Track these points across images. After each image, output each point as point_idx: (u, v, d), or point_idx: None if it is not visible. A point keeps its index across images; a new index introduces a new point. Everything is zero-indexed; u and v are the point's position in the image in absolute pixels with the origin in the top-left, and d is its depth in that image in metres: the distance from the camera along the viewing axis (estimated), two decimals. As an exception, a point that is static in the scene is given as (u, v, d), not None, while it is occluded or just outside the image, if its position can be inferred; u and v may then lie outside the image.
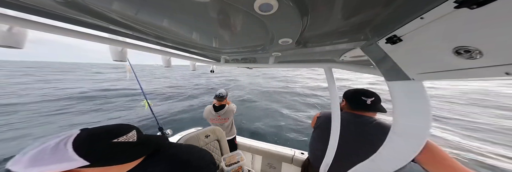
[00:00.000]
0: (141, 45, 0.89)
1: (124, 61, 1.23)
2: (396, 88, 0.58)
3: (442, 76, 0.42)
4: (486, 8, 0.25)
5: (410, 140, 0.58)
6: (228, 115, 2.43)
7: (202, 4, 0.38)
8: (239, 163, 1.58)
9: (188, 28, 0.61)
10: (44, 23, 0.57)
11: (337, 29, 0.54)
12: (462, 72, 0.36)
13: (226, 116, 2.40)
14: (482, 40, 0.29)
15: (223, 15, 0.45)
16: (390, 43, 0.47)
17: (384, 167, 0.66)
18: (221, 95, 2.35)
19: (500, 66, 0.29)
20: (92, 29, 0.68)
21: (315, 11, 0.41)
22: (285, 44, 0.67)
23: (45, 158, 0.44)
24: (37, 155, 0.44)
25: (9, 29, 0.68)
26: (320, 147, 1.14)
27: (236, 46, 0.86)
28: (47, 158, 0.44)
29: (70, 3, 0.44)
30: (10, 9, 0.50)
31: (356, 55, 0.85)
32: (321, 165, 1.07)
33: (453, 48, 0.33)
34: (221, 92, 2.37)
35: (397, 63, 0.52)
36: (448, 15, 0.30)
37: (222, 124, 2.41)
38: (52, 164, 0.43)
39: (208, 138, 1.70)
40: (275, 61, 1.22)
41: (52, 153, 0.44)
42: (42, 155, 0.44)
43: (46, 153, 0.44)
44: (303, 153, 2.00)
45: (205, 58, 1.41)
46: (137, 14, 0.48)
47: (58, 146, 0.46)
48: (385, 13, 0.40)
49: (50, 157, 0.44)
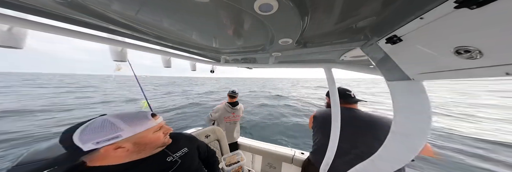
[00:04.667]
0: (141, 45, 0.89)
1: (124, 61, 1.23)
2: (396, 88, 0.58)
3: (442, 76, 0.42)
4: (486, 8, 0.25)
5: (410, 140, 0.58)
6: (240, 112, 2.58)
7: (202, 4, 0.38)
8: (239, 163, 1.58)
9: (188, 28, 0.61)
10: (44, 23, 0.57)
11: (337, 29, 0.54)
12: (462, 72, 0.36)
13: (238, 113, 2.54)
14: (482, 40, 0.29)
15: (223, 15, 0.45)
16: (390, 43, 0.47)
17: (384, 167, 0.66)
18: (235, 92, 2.52)
19: (500, 66, 0.29)
20: (92, 29, 0.68)
21: (315, 11, 0.40)
22: (285, 44, 0.67)
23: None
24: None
25: (9, 29, 0.68)
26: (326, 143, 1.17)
27: (236, 46, 0.85)
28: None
29: (70, 3, 0.44)
30: (10, 9, 0.50)
31: (356, 55, 0.85)
32: (321, 165, 1.07)
33: (453, 48, 0.33)
34: (234, 90, 2.56)
35: (397, 63, 0.52)
36: (448, 15, 0.30)
37: (235, 122, 2.51)
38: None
39: (208, 138, 1.70)
40: (275, 61, 1.22)
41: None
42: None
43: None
44: (303, 153, 2.00)
45: (205, 58, 1.41)
46: (137, 14, 0.48)
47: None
48: (385, 13, 0.40)
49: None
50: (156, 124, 0.68)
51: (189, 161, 0.80)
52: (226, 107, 2.45)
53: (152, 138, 0.66)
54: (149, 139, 0.65)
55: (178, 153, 0.79)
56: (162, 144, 0.72)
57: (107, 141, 0.55)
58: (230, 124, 2.45)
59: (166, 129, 0.74)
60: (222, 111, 2.44)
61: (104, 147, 0.55)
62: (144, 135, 0.63)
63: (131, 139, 0.60)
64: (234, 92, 2.53)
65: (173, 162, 0.74)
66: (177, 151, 0.79)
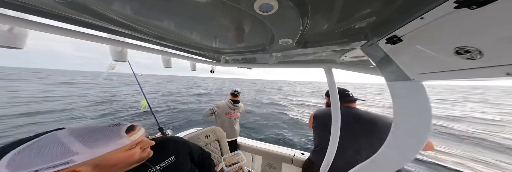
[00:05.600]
0: (141, 45, 0.89)
1: (124, 61, 1.23)
2: (397, 88, 0.58)
3: (442, 77, 0.42)
4: (486, 8, 0.25)
5: (411, 140, 0.57)
6: (240, 109, 2.80)
7: (202, 4, 0.38)
8: (239, 164, 1.58)
9: (188, 28, 0.61)
10: (44, 23, 0.56)
11: (337, 29, 0.54)
12: (462, 73, 0.36)
13: (239, 111, 2.76)
14: (482, 41, 0.29)
15: (223, 15, 0.45)
16: (390, 43, 0.47)
17: (384, 167, 0.66)
18: (237, 91, 2.79)
19: (500, 67, 0.29)
20: (92, 29, 0.68)
21: (315, 11, 0.40)
22: (285, 44, 0.67)
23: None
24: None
25: (9, 29, 0.68)
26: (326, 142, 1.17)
27: (236, 46, 0.85)
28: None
29: (70, 3, 0.44)
30: (10, 9, 0.50)
31: (356, 56, 0.85)
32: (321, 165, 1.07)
33: (453, 49, 0.33)
34: (236, 89, 2.83)
35: (397, 64, 0.52)
36: (448, 15, 0.30)
37: (235, 119, 2.68)
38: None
39: (208, 138, 1.70)
40: (275, 62, 1.22)
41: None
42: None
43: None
44: (303, 153, 2.00)
45: (205, 58, 1.41)
46: (137, 14, 0.48)
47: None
48: (385, 13, 0.40)
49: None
50: (130, 141, 0.54)
51: (176, 171, 0.73)
52: (228, 103, 2.66)
53: (122, 157, 0.53)
54: (117, 158, 0.52)
55: (163, 163, 0.70)
56: (138, 160, 0.60)
57: (50, 169, 0.40)
58: (230, 120, 2.60)
59: (145, 143, 0.61)
60: (223, 107, 2.63)
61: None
62: (110, 156, 0.50)
63: (89, 162, 0.46)
64: (236, 91, 2.78)
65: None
66: (160, 162, 0.70)
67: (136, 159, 0.59)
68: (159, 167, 0.67)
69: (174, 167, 0.72)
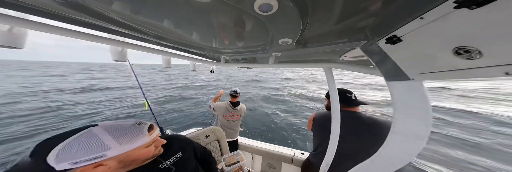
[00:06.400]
0: (141, 45, 0.89)
1: (124, 61, 1.23)
2: (396, 88, 0.58)
3: (442, 77, 0.42)
4: (486, 8, 0.25)
5: (410, 140, 0.57)
6: (241, 112, 2.54)
7: (202, 4, 0.38)
8: (239, 163, 1.58)
9: (188, 28, 0.61)
10: (44, 23, 0.56)
11: (337, 29, 0.54)
12: (462, 73, 0.36)
13: (239, 113, 2.51)
14: (481, 40, 0.29)
15: (223, 15, 0.45)
16: (390, 43, 0.47)
17: (384, 167, 0.66)
18: (237, 91, 2.48)
19: (500, 67, 0.29)
20: (92, 29, 0.68)
21: (315, 11, 0.40)
22: (285, 44, 0.67)
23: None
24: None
25: (9, 29, 0.68)
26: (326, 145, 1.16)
27: (236, 46, 0.85)
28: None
29: (70, 3, 0.44)
30: (10, 9, 0.50)
31: (356, 56, 0.85)
32: (321, 165, 1.07)
33: (453, 49, 0.33)
34: (235, 89, 2.50)
35: (397, 64, 0.52)
36: (448, 15, 0.30)
37: (234, 121, 2.50)
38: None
39: (208, 138, 1.70)
40: (275, 61, 1.22)
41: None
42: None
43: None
44: (303, 153, 2.00)
45: (205, 58, 1.41)
46: (137, 14, 0.48)
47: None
48: (385, 13, 0.40)
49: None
50: (150, 139, 0.60)
51: (184, 165, 0.77)
52: (227, 106, 2.46)
53: (141, 153, 0.58)
54: (137, 155, 0.58)
55: (172, 159, 0.75)
56: (152, 157, 0.66)
57: (87, 161, 0.47)
58: (228, 122, 2.47)
59: (159, 142, 0.67)
60: (221, 108, 2.46)
61: (82, 167, 0.47)
62: (133, 152, 0.55)
63: (117, 157, 0.52)
64: (235, 92, 2.48)
65: (166, 169, 0.70)
66: (170, 157, 0.76)
67: (150, 156, 0.64)
68: (169, 162, 0.73)
69: (182, 162, 0.77)
